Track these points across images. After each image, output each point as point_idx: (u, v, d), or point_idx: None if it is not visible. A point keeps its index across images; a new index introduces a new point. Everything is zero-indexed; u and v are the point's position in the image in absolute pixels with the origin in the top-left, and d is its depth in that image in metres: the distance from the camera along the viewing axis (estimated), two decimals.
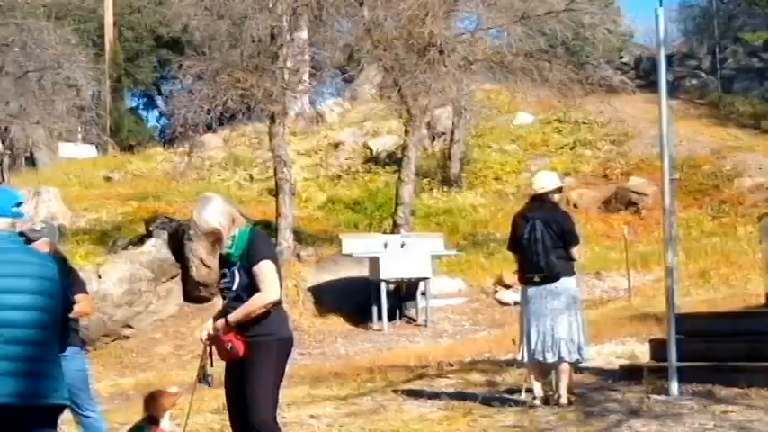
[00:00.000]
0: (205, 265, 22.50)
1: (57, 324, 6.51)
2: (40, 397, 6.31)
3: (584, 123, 36.81)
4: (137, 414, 13.32)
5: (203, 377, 7.93)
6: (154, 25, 55.92)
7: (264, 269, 7.53)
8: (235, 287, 7.56)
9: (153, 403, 8.51)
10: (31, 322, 6.30)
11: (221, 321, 7.65)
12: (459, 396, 12.47)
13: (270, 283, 7.54)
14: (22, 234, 10.55)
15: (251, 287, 7.55)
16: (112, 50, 53.15)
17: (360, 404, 12.96)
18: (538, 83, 26.66)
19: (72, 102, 28.57)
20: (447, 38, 24.97)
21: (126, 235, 26.52)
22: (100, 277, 21.57)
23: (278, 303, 7.66)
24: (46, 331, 6.40)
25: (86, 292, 10.91)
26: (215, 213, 7.64)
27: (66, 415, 11.00)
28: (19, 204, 6.60)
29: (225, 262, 7.73)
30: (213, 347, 7.76)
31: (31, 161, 41.01)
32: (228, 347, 7.49)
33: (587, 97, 28.91)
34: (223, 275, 7.73)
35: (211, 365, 7.86)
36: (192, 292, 22.89)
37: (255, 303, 7.48)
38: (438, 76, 24.69)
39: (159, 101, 65.41)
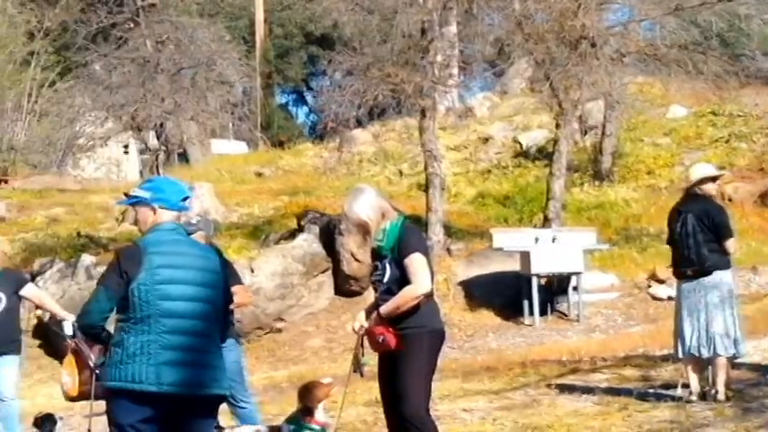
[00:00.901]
0: (356, 260, 22.59)
1: (218, 315, 6.60)
2: (201, 387, 6.40)
3: (740, 116, 35.93)
4: (290, 406, 13.43)
5: (357, 367, 7.94)
6: (303, 22, 56.41)
7: (415, 262, 7.51)
8: (386, 280, 7.55)
9: (308, 394, 8.54)
10: (194, 313, 6.40)
11: (374, 314, 7.65)
12: (614, 391, 12.32)
13: (421, 275, 7.51)
14: None
15: (402, 280, 7.54)
16: (263, 47, 53.78)
17: (512, 398, 12.90)
18: (692, 75, 26.20)
19: (224, 98, 28.94)
20: (599, 30, 24.66)
21: (277, 229, 26.79)
22: (252, 271, 21.80)
23: (429, 296, 7.63)
24: (208, 322, 6.50)
25: (242, 284, 11.05)
26: (365, 206, 7.64)
27: (222, 406, 11.15)
28: (185, 198, 6.71)
29: (376, 255, 7.74)
30: (366, 338, 7.78)
31: (184, 157, 41.73)
32: (380, 340, 7.49)
33: (743, 89, 28.32)
34: (375, 268, 7.73)
35: (363, 356, 7.88)
36: (343, 286, 23.00)
37: (406, 296, 7.45)
38: (590, 69, 24.41)
39: (308, 97, 66.03)
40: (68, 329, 10.79)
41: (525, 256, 22.10)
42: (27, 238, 29.19)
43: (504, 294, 22.88)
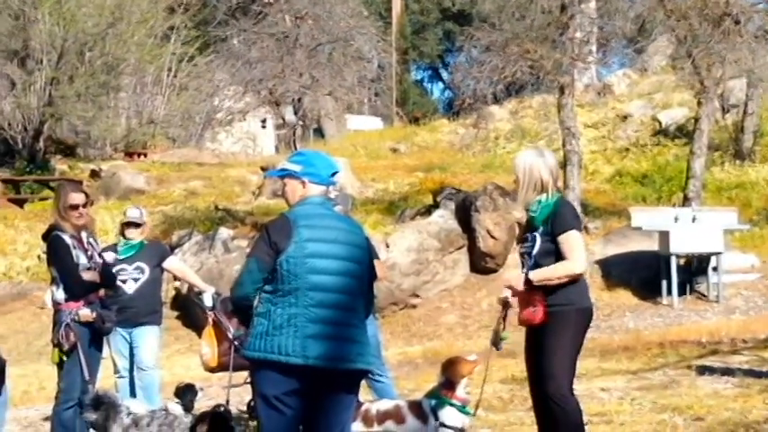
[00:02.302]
0: (492, 237, 22.47)
1: (364, 290, 6.59)
2: (346, 361, 6.41)
3: None
4: (426, 382, 13.47)
5: (495, 341, 7.88)
6: None
7: (572, 239, 7.40)
8: (535, 252, 7.45)
9: (451, 369, 8.48)
10: (340, 287, 6.41)
11: (519, 275, 7.57)
12: (754, 374, 12.13)
13: (577, 253, 7.41)
14: None
15: (550, 254, 7.44)
16: (399, 23, 53.86)
17: (651, 379, 12.76)
18: None
19: (361, 74, 29.00)
20: (743, 7, 24.14)
21: (413, 205, 26.79)
22: (388, 247, 21.83)
23: (580, 274, 7.54)
24: (354, 297, 6.50)
25: (379, 258, 11.05)
26: (545, 167, 7.55)
27: None
28: (334, 173, 6.72)
29: (528, 226, 7.64)
30: (510, 308, 7.70)
31: (320, 132, 42.02)
32: (532, 309, 7.40)
33: None
34: (524, 240, 7.64)
35: (504, 329, 7.81)
36: (479, 263, 22.90)
37: (561, 270, 7.36)
38: (733, 47, 23.91)
39: (444, 73, 65.96)
40: (208, 301, 10.94)
41: (664, 236, 21.75)
42: (166, 210, 29.64)
43: (642, 274, 22.56)
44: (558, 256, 7.41)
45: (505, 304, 7.73)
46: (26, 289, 25.73)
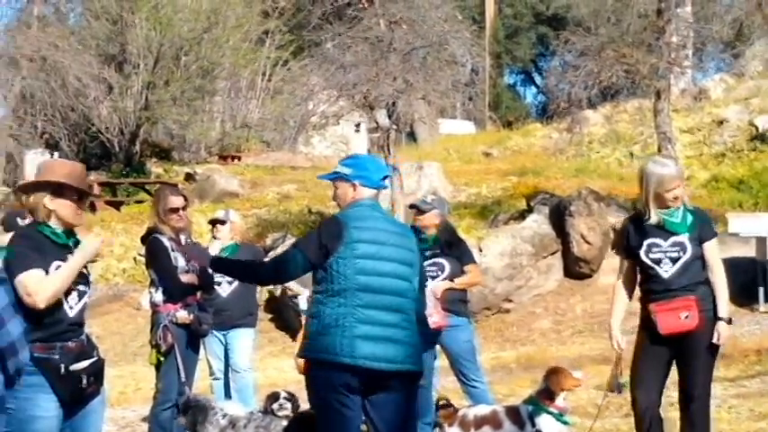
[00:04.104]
0: (586, 241, 22.30)
1: (413, 292, 6.63)
2: (394, 362, 6.47)
3: None
4: (520, 387, 13.44)
5: (616, 386, 7.85)
6: (533, 2, 56.16)
7: (716, 247, 7.59)
8: (687, 257, 7.46)
9: (554, 378, 8.44)
10: (390, 289, 6.48)
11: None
12: None
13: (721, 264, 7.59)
14: (413, 206, 10.82)
15: (698, 259, 7.55)
16: (493, 27, 53.71)
17: (748, 386, 12.64)
18: None
19: (454, 78, 28.94)
20: None
21: (506, 210, 26.67)
22: (481, 251, 21.74)
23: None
24: (403, 298, 6.56)
25: (475, 262, 11.02)
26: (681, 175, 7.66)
27: (454, 385, 11.16)
28: (385, 177, 6.82)
29: (660, 231, 7.60)
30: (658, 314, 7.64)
31: (412, 136, 42.01)
32: (685, 315, 7.39)
33: None
34: (653, 244, 7.61)
35: (621, 375, 7.78)
36: (572, 268, 22.72)
37: (724, 282, 7.52)
38: None
39: (537, 77, 65.67)
40: (303, 304, 11.01)
41: (761, 242, 21.45)
42: (259, 213, 29.84)
43: (739, 280, 22.05)
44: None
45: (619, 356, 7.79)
46: (122, 291, 26.05)
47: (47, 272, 6.25)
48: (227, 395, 11.34)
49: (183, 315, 9.06)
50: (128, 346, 22.00)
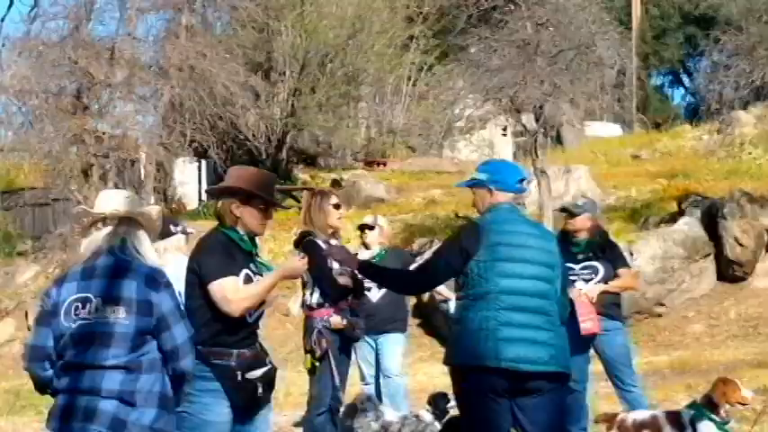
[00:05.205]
0: (740, 244, 21.82)
1: (555, 294, 6.58)
2: (539, 363, 6.44)
3: None
4: (674, 392, 13.21)
5: None
6: (681, 2, 55.29)
7: None
8: None
9: (719, 390, 8.25)
10: (531, 291, 6.49)
11: None
12: None
13: None
14: (564, 209, 10.69)
15: None
16: (640, 28, 53.02)
17: None
18: None
19: (602, 80, 28.65)
20: None
21: (656, 213, 26.26)
22: (632, 255, 21.41)
23: None
24: (545, 300, 6.53)
25: (629, 266, 10.85)
26: None
27: (609, 390, 10.98)
28: (522, 180, 6.82)
29: None
30: None
31: (558, 139, 41.65)
32: None
33: None
34: None
35: None
36: (726, 272, 22.25)
37: None
38: None
39: (685, 78, 64.67)
40: (453, 309, 10.91)
41: None
42: (406, 218, 29.86)
43: None
44: None
45: None
46: (270, 296, 26.24)
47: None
48: (378, 400, 11.32)
49: (336, 320, 9.07)
50: (277, 351, 22.10)
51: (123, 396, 5.35)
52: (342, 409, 8.89)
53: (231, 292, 6.30)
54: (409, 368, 16.13)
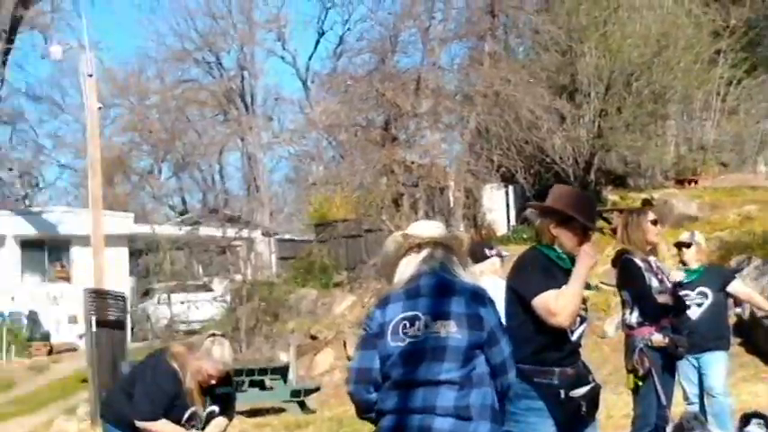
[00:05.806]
0: None
1: None
2: None
3: None
4: None
5: None
6: None
7: None
8: None
9: None
10: None
11: None
12: None
13: None
14: None
15: None
16: None
17: None
18: None
19: None
20: None
21: None
22: None
23: None
24: None
25: None
26: None
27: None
28: None
29: None
30: None
31: None
32: None
33: None
34: None
35: None
36: None
37: None
38: None
39: None
40: None
41: None
42: (721, 235, 29.12)
43: None
44: None
45: None
46: (589, 315, 26.08)
47: None
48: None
49: (658, 338, 8.94)
50: (595, 373, 21.87)
51: (459, 412, 5.37)
52: (668, 429, 8.73)
53: (553, 305, 6.27)
54: (732, 388, 15.70)
